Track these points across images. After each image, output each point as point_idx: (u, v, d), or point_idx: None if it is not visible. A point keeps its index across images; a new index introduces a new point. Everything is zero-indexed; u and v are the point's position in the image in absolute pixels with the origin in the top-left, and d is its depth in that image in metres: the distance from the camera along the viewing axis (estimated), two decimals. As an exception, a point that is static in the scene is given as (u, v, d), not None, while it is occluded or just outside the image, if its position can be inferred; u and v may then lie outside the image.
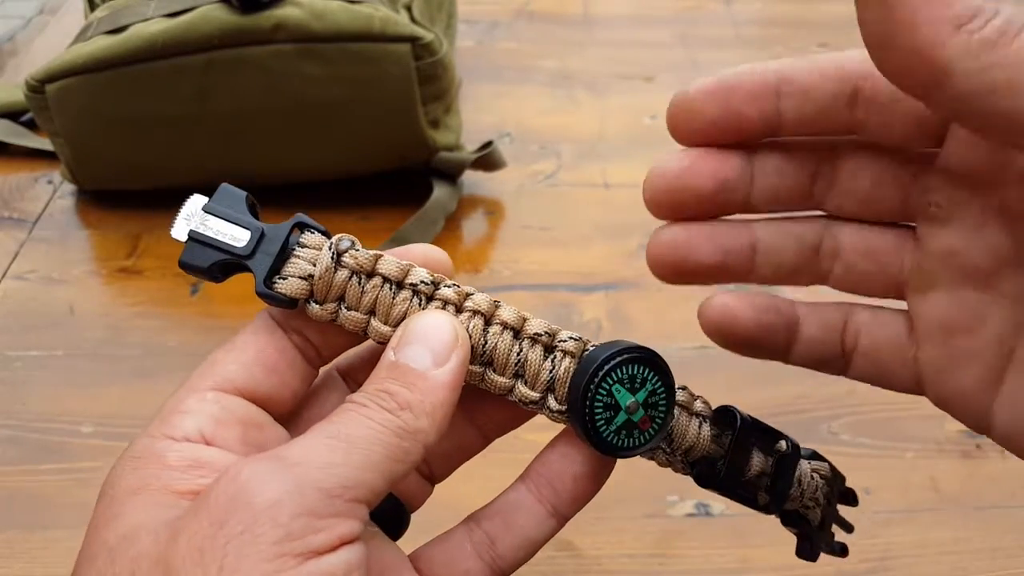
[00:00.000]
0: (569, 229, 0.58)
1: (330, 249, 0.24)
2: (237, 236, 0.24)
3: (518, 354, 0.24)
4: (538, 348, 0.24)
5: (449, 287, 0.24)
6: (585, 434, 0.24)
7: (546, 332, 0.24)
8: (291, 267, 0.24)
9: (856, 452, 0.44)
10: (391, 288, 0.24)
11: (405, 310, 0.24)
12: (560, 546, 0.39)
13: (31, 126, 0.65)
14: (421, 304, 0.24)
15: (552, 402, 0.25)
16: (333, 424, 0.21)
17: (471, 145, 0.60)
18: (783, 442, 0.26)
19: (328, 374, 0.26)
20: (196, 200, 0.24)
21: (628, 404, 0.24)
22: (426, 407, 0.22)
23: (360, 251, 0.24)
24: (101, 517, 0.21)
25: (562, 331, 0.25)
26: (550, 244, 0.57)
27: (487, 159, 0.58)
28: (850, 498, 0.29)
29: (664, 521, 0.40)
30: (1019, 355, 0.23)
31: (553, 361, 0.24)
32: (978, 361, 0.23)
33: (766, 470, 0.26)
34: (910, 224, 0.24)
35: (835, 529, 0.28)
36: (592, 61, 0.77)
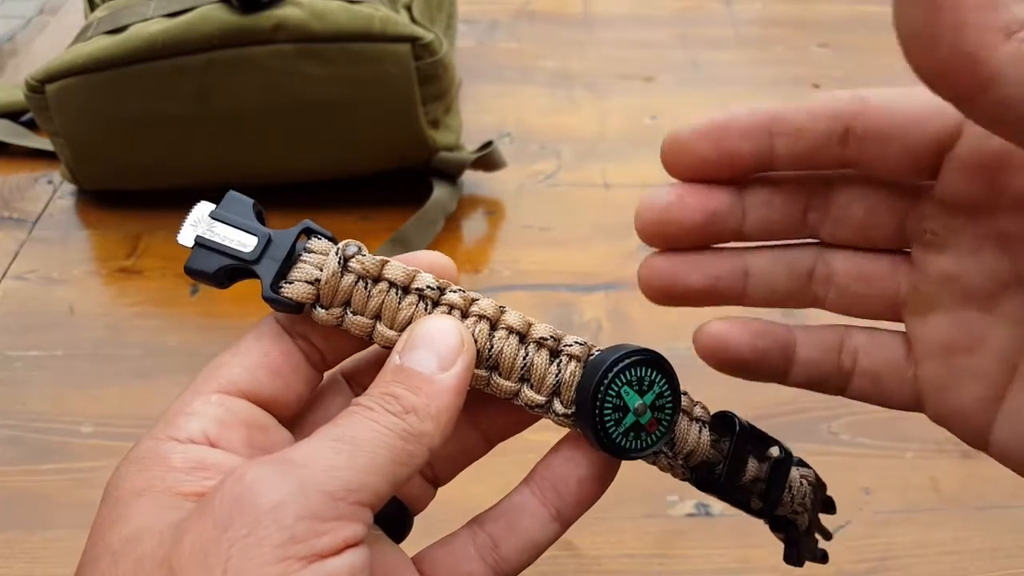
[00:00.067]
0: (569, 229, 0.58)
1: (337, 254, 0.24)
2: (244, 242, 0.24)
3: (524, 358, 0.24)
4: (544, 352, 0.24)
5: (455, 292, 0.24)
6: (594, 436, 0.24)
7: (552, 336, 0.24)
8: (297, 272, 0.24)
9: (856, 452, 0.44)
10: (397, 293, 0.24)
11: (411, 315, 0.24)
12: (560, 546, 0.39)
13: (31, 126, 0.65)
14: (427, 309, 0.24)
15: (558, 406, 0.25)
16: (338, 427, 0.21)
17: (471, 145, 0.60)
18: (776, 448, 0.26)
19: (333, 378, 0.26)
20: (203, 207, 0.24)
21: (636, 406, 0.24)
22: (431, 411, 0.22)
23: (366, 256, 0.24)
24: (105, 519, 0.21)
25: (567, 335, 0.25)
26: (550, 244, 0.57)
27: (487, 159, 0.58)
28: (829, 506, 0.29)
29: (664, 521, 0.40)
30: (1021, 372, 0.23)
31: (559, 365, 0.24)
32: (979, 379, 0.23)
33: (760, 476, 0.26)
34: (905, 250, 0.25)
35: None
36: (592, 61, 0.77)
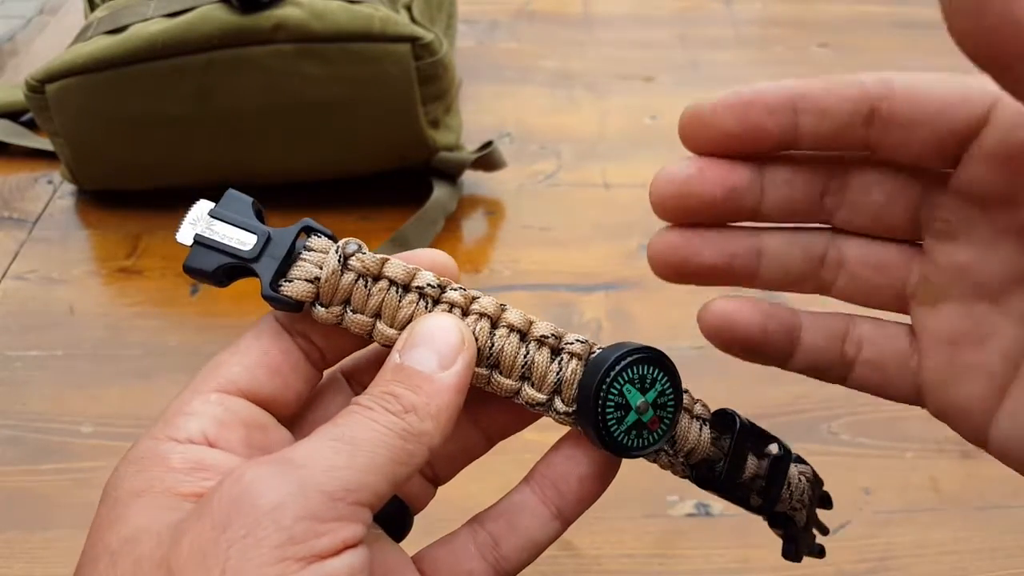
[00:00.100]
0: (569, 229, 0.58)
1: (337, 252, 0.24)
2: (243, 240, 0.23)
3: (525, 356, 0.24)
4: (545, 350, 0.24)
5: (455, 290, 0.24)
6: (596, 434, 0.24)
7: (553, 334, 0.24)
8: (297, 270, 0.24)
9: (856, 452, 0.44)
10: (397, 291, 0.24)
11: (411, 313, 0.24)
12: (560, 546, 0.39)
13: (31, 126, 0.65)
14: (427, 307, 0.24)
15: (559, 404, 0.24)
16: (338, 427, 0.21)
17: (471, 145, 0.60)
18: (775, 445, 0.26)
19: (333, 376, 0.26)
20: (202, 205, 0.24)
21: (639, 404, 0.24)
22: (431, 410, 0.22)
23: (367, 254, 0.24)
24: (104, 519, 0.21)
25: (569, 333, 0.25)
26: (550, 244, 0.57)
27: (487, 159, 0.58)
28: (826, 501, 0.29)
29: (664, 521, 0.40)
30: None
31: (560, 363, 0.24)
32: (982, 374, 0.23)
33: (759, 472, 0.26)
34: (917, 241, 0.24)
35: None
36: (592, 61, 0.77)
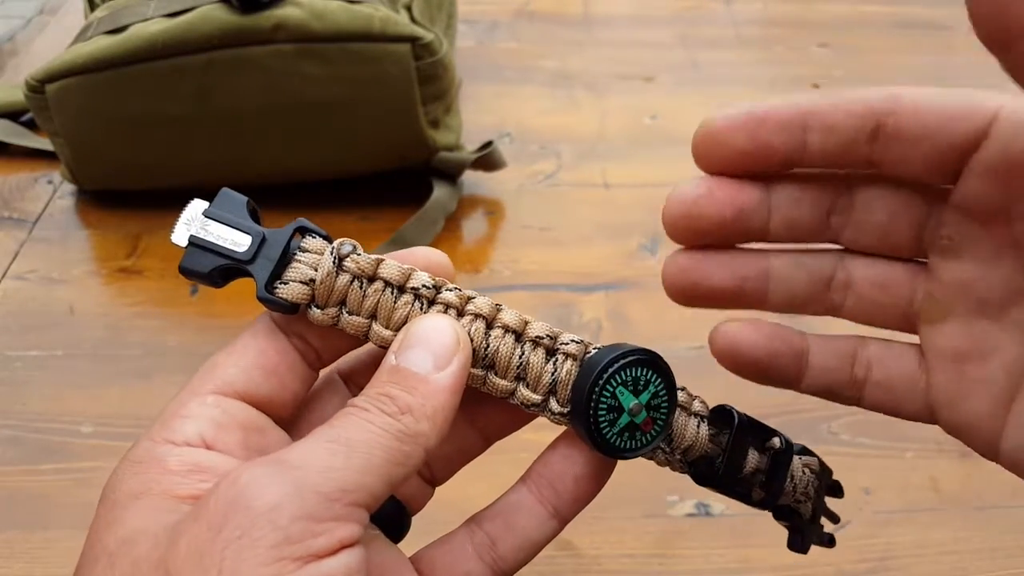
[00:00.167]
0: (569, 229, 0.58)
1: (332, 254, 0.23)
2: (238, 241, 0.23)
3: (520, 357, 0.24)
4: (540, 351, 0.24)
5: (451, 291, 0.24)
6: (588, 436, 0.24)
7: (548, 335, 0.24)
8: (292, 272, 0.24)
9: (856, 452, 0.44)
10: (393, 292, 0.24)
11: (407, 314, 0.24)
12: (560, 546, 0.39)
13: (31, 126, 0.65)
14: (423, 308, 0.24)
15: (554, 404, 0.25)
16: (334, 428, 0.21)
17: (471, 145, 0.60)
18: (776, 439, 0.26)
19: (329, 377, 0.26)
20: (196, 205, 0.24)
21: (631, 406, 0.24)
22: (427, 411, 0.22)
23: (362, 255, 0.24)
24: (102, 521, 0.21)
25: (564, 334, 0.25)
26: (550, 244, 0.57)
27: (487, 159, 0.58)
28: (836, 490, 0.29)
29: (664, 521, 0.40)
30: None
31: (555, 364, 0.24)
32: (988, 389, 0.23)
33: (761, 467, 0.26)
34: (922, 260, 0.25)
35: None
36: (592, 61, 0.77)
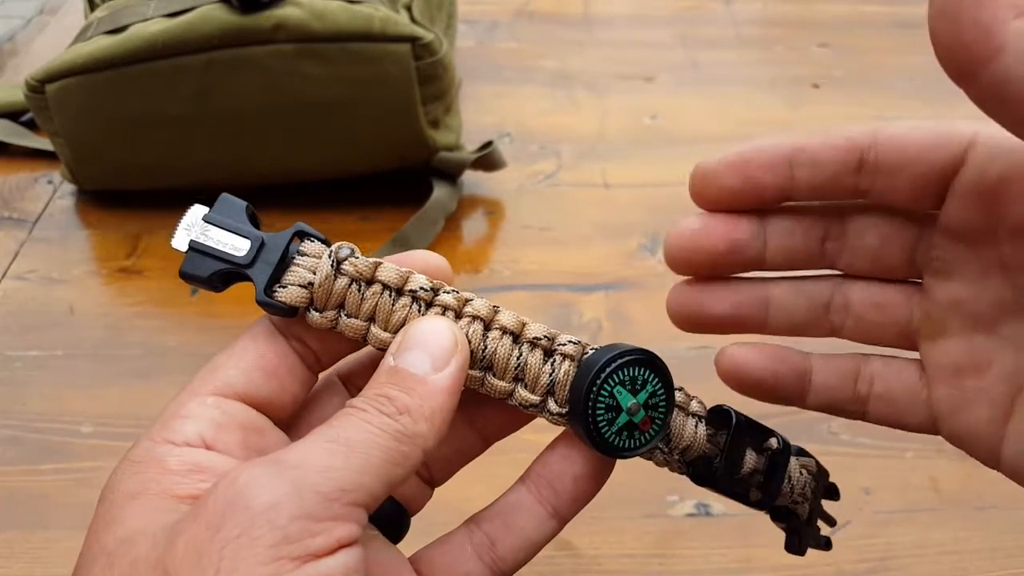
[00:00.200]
0: (569, 229, 0.58)
1: (330, 257, 0.24)
2: (237, 245, 0.24)
3: (518, 358, 0.24)
4: (538, 352, 0.24)
5: (448, 293, 0.24)
6: (587, 436, 0.24)
7: (545, 336, 0.24)
8: (291, 276, 0.24)
9: (856, 452, 0.44)
10: (390, 295, 0.24)
11: (404, 316, 0.24)
12: (559, 546, 0.39)
13: (31, 126, 0.65)
14: (420, 310, 0.24)
15: (552, 405, 0.25)
16: (332, 428, 0.21)
17: (471, 145, 0.60)
18: (773, 439, 0.27)
19: (329, 379, 0.26)
20: (196, 210, 0.24)
21: (629, 406, 0.24)
22: (425, 411, 0.22)
23: (359, 259, 0.24)
24: (100, 521, 0.21)
25: (561, 335, 0.25)
26: (550, 244, 0.57)
27: (487, 159, 0.58)
28: (833, 493, 0.29)
29: (664, 521, 0.40)
30: None
31: (553, 365, 0.24)
32: (987, 400, 0.24)
33: (758, 467, 0.26)
34: (916, 280, 0.26)
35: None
36: (592, 61, 0.77)
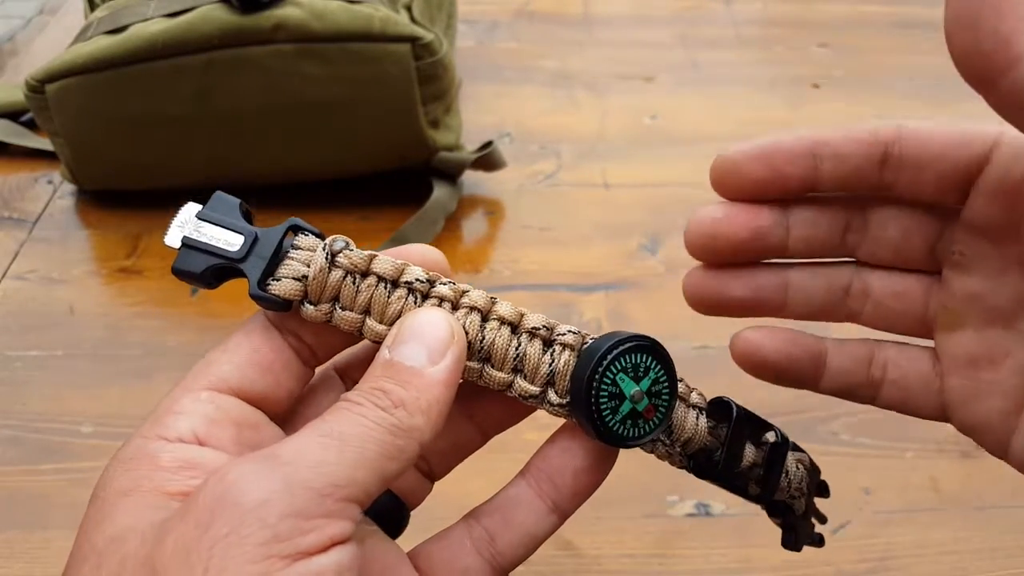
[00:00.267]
0: (569, 229, 0.58)
1: (324, 250, 0.23)
2: (230, 241, 0.24)
3: (516, 349, 0.24)
4: (537, 342, 0.24)
5: (445, 284, 0.24)
6: (591, 424, 0.24)
7: (544, 326, 0.24)
8: (285, 269, 0.23)
9: (856, 452, 0.44)
10: (386, 287, 0.24)
11: (400, 308, 0.24)
12: (560, 546, 0.39)
13: (31, 126, 0.65)
14: (416, 302, 0.24)
15: (552, 396, 0.24)
16: (326, 422, 0.21)
17: (471, 145, 0.60)
18: (771, 433, 0.27)
19: (325, 373, 0.26)
20: (190, 208, 0.24)
21: (633, 393, 0.24)
22: (421, 404, 0.21)
23: (354, 251, 0.24)
24: (91, 519, 0.21)
25: (560, 325, 0.25)
26: (550, 244, 0.57)
27: (487, 159, 0.58)
28: (824, 490, 0.29)
29: (664, 521, 0.40)
30: None
31: (552, 355, 0.24)
32: (1001, 392, 0.24)
33: (757, 461, 0.26)
34: (935, 271, 0.26)
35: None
36: (592, 61, 0.77)
